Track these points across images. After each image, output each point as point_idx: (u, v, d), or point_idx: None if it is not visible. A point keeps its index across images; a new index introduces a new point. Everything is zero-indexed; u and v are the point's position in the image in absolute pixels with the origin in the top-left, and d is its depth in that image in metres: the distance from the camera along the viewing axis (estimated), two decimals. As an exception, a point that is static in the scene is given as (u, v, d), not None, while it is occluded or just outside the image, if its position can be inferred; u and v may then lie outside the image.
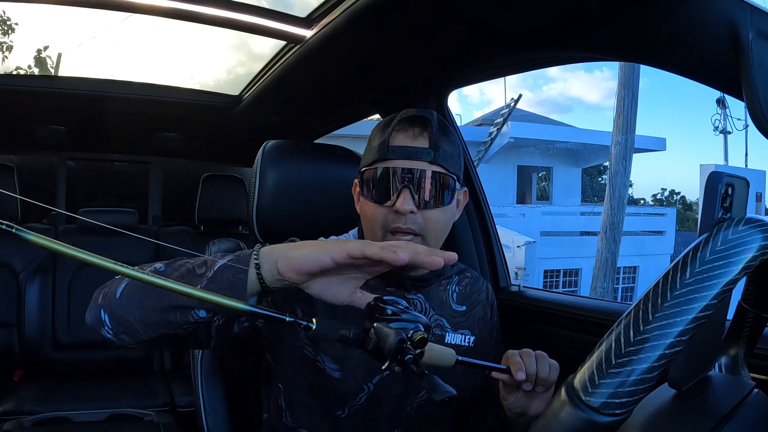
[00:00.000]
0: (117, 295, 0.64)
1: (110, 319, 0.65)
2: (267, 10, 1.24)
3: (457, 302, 0.92)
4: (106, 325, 0.65)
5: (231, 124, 2.12)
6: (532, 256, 9.63)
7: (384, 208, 0.79)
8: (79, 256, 0.48)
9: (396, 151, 0.79)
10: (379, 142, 0.81)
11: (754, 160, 42.11)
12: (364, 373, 0.81)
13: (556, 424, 0.35)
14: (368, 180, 0.81)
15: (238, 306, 0.54)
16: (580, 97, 60.42)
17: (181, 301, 0.61)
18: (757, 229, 0.38)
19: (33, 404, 1.91)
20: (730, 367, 0.54)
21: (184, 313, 0.62)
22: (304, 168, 1.09)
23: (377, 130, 0.84)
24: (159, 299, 0.62)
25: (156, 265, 0.66)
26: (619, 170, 7.39)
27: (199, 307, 0.61)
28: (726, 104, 11.94)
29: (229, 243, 1.05)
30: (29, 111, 2.06)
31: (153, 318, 0.63)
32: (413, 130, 0.80)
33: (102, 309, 0.65)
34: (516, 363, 0.74)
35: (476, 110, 60.54)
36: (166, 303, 0.61)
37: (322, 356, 0.81)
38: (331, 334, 0.57)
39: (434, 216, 0.80)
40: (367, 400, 0.82)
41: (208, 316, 0.62)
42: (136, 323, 0.63)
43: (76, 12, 1.63)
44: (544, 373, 0.74)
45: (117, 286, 0.65)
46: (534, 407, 0.77)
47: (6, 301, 2.20)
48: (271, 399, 0.87)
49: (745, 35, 0.58)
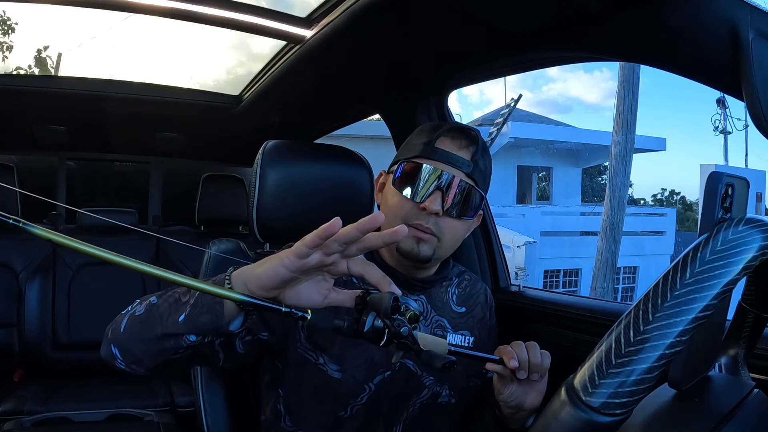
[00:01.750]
0: (121, 329, 0.69)
1: (120, 352, 0.70)
2: (267, 10, 1.23)
3: (457, 303, 0.93)
4: (117, 357, 0.70)
5: (231, 124, 2.12)
6: (532, 256, 9.63)
7: (411, 203, 0.81)
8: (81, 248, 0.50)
9: (441, 153, 0.81)
10: (425, 141, 0.83)
11: (754, 160, 42.16)
12: (365, 373, 0.81)
13: (556, 424, 0.35)
14: (405, 172, 0.82)
15: (233, 296, 0.55)
16: (579, 97, 60.47)
17: (171, 329, 0.65)
18: (757, 229, 0.38)
19: (33, 404, 1.91)
20: (730, 367, 0.54)
21: (176, 339, 0.66)
22: (304, 168, 1.09)
23: (424, 130, 0.87)
24: (153, 329, 0.67)
25: (150, 299, 0.70)
26: (619, 170, 7.38)
27: (188, 332, 0.65)
28: (726, 104, 11.93)
29: (229, 243, 1.05)
30: (29, 111, 2.06)
31: (152, 347, 0.67)
32: (460, 141, 0.83)
33: (112, 344, 0.70)
34: (508, 352, 0.75)
35: (476, 110, 60.55)
36: (159, 332, 0.66)
37: (324, 358, 0.81)
38: (326, 323, 0.58)
39: (454, 225, 0.82)
40: (368, 400, 0.82)
41: (198, 339, 0.66)
42: (141, 354, 0.69)
43: (76, 12, 1.63)
44: (536, 359, 0.75)
45: (121, 320, 0.70)
46: (530, 400, 0.78)
47: (6, 301, 2.19)
48: (270, 405, 0.87)
49: (745, 35, 0.58)
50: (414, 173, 0.81)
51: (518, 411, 0.79)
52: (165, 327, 0.66)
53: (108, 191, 2.95)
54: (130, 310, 0.71)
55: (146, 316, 0.68)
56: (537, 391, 0.78)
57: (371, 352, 0.82)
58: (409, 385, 0.85)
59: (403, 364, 0.84)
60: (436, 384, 0.86)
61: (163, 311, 0.67)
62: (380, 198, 0.90)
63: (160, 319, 0.67)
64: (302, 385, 0.83)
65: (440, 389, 0.87)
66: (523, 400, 0.78)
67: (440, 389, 0.87)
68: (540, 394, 0.79)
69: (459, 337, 0.90)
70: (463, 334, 0.91)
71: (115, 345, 0.70)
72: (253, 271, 0.62)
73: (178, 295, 0.68)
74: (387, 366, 0.82)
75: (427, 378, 0.86)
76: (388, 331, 0.58)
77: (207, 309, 0.64)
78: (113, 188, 2.97)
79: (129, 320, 0.69)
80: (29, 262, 2.26)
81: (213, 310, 0.64)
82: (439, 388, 0.87)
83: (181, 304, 0.66)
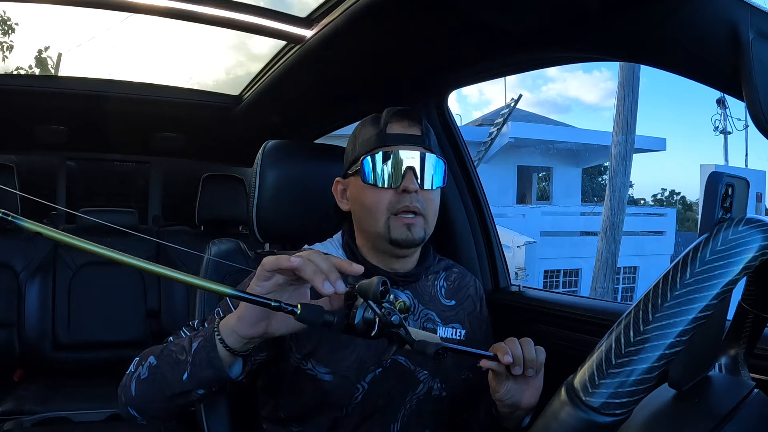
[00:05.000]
0: (133, 394, 0.73)
1: (138, 412, 0.74)
2: (267, 10, 1.23)
3: (446, 297, 0.93)
4: (137, 417, 0.74)
5: (231, 124, 2.12)
6: (532, 256, 9.63)
7: (387, 192, 0.83)
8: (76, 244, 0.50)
9: (396, 138, 0.85)
10: (375, 132, 0.86)
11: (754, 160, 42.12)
12: (355, 372, 0.82)
13: (556, 424, 0.34)
14: (369, 165, 0.84)
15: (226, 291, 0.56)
16: (578, 97, 60.44)
17: (178, 389, 0.69)
18: (757, 229, 0.38)
19: (33, 404, 1.91)
20: (730, 367, 0.54)
21: (186, 395, 0.70)
22: (304, 168, 1.09)
23: (365, 125, 0.89)
24: (162, 391, 0.71)
25: (149, 359, 0.74)
26: (619, 170, 7.38)
27: (195, 388, 0.69)
28: (726, 104, 11.94)
29: (229, 243, 1.05)
30: (29, 111, 2.06)
31: (166, 406, 0.72)
32: (407, 121, 0.87)
33: (129, 407, 0.74)
34: (501, 348, 0.75)
35: (476, 110, 60.54)
36: (168, 393, 0.70)
37: (312, 362, 0.81)
38: (316, 317, 0.58)
39: (432, 197, 0.86)
40: (363, 398, 0.82)
41: (206, 391, 0.70)
42: (157, 412, 0.74)
43: (76, 12, 1.63)
44: (530, 354, 0.75)
45: (129, 384, 0.74)
46: (526, 398, 0.78)
47: (6, 301, 2.19)
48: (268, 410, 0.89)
49: (745, 35, 0.58)
50: (380, 163, 0.84)
51: (515, 410, 0.79)
52: (172, 388, 0.69)
53: (108, 191, 2.95)
54: (134, 371, 0.74)
55: (151, 379, 0.71)
56: (534, 389, 0.78)
57: (360, 351, 0.82)
58: (404, 381, 0.85)
59: (395, 360, 0.84)
60: (430, 378, 0.86)
61: (166, 373, 0.70)
62: (347, 204, 0.91)
63: (165, 381, 0.70)
64: (297, 393, 0.83)
65: (433, 383, 0.87)
66: (519, 398, 0.77)
67: (433, 383, 0.87)
68: (537, 392, 0.79)
69: (450, 330, 0.90)
70: (453, 327, 0.91)
71: (132, 408, 0.74)
72: (236, 315, 0.65)
73: (176, 355, 0.70)
74: (377, 363, 0.83)
75: (421, 372, 0.86)
76: (378, 321, 0.58)
77: (206, 365, 0.67)
78: (113, 188, 2.97)
79: (136, 384, 0.73)
80: (29, 262, 2.25)
81: (212, 364, 0.67)
82: (432, 382, 0.87)
83: (181, 363, 0.69)
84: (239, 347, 0.66)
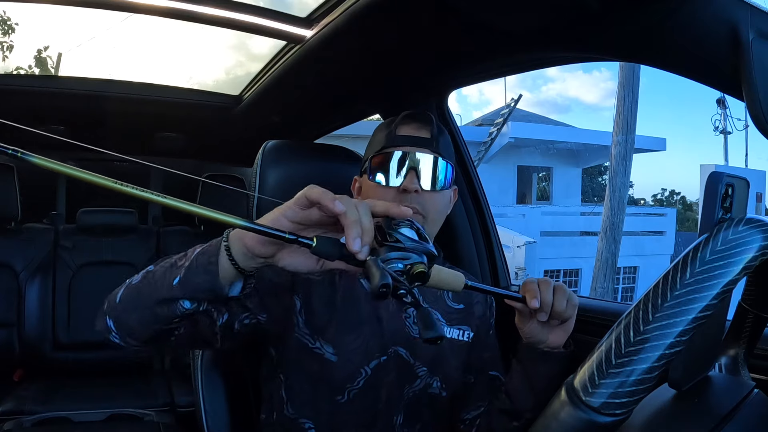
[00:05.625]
0: (117, 300, 0.69)
1: (114, 324, 0.70)
2: (267, 10, 1.24)
3: (453, 300, 0.93)
4: (113, 331, 0.70)
5: (231, 124, 2.12)
6: (532, 256, 9.62)
7: (390, 190, 0.85)
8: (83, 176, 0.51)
9: (402, 139, 0.87)
10: (386, 133, 0.89)
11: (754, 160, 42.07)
12: (360, 356, 0.83)
13: (556, 424, 0.35)
14: (376, 165, 0.87)
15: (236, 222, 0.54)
16: (578, 97, 60.37)
17: (165, 294, 0.65)
18: (757, 229, 0.38)
19: (33, 404, 1.91)
20: (730, 367, 0.54)
21: (170, 305, 0.65)
22: (304, 168, 1.09)
23: (381, 127, 0.92)
24: (148, 296, 0.66)
25: (148, 267, 0.70)
26: (619, 170, 7.38)
27: (182, 298, 0.64)
28: (726, 104, 11.92)
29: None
30: (29, 111, 2.06)
31: (146, 316, 0.67)
32: (417, 124, 0.89)
33: (107, 316, 0.70)
34: (532, 290, 0.74)
35: (476, 110, 60.44)
36: (154, 298, 0.65)
37: (320, 341, 0.83)
38: (332, 251, 0.55)
39: (434, 198, 0.87)
40: (365, 384, 0.83)
41: (193, 307, 0.66)
42: (135, 323, 0.68)
43: (76, 12, 1.63)
44: (560, 306, 0.74)
45: (118, 291, 0.70)
46: (552, 340, 0.79)
47: (6, 301, 2.19)
48: (273, 392, 0.88)
49: (745, 35, 0.58)
50: (385, 162, 0.86)
51: (540, 344, 0.80)
52: (159, 292, 0.65)
53: (108, 191, 2.94)
54: (128, 281, 0.70)
55: (142, 284, 0.68)
56: (560, 332, 0.78)
57: (367, 337, 0.84)
58: (402, 374, 0.85)
59: (397, 351, 0.85)
60: (428, 375, 0.87)
61: (159, 276, 0.66)
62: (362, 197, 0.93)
63: (155, 284, 0.66)
64: (301, 370, 0.84)
65: (431, 380, 0.87)
66: (543, 338, 0.78)
67: (431, 380, 0.87)
68: (565, 335, 0.79)
69: (456, 331, 0.91)
70: (460, 329, 0.92)
71: (111, 317, 0.69)
72: None
73: (175, 260, 0.67)
74: (382, 351, 0.84)
75: (420, 368, 0.86)
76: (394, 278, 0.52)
77: (202, 270, 0.63)
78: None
79: (125, 290, 0.69)
80: (29, 262, 2.26)
81: (209, 270, 0.63)
82: (430, 379, 0.87)
83: (177, 267, 0.65)
84: (242, 261, 0.62)
